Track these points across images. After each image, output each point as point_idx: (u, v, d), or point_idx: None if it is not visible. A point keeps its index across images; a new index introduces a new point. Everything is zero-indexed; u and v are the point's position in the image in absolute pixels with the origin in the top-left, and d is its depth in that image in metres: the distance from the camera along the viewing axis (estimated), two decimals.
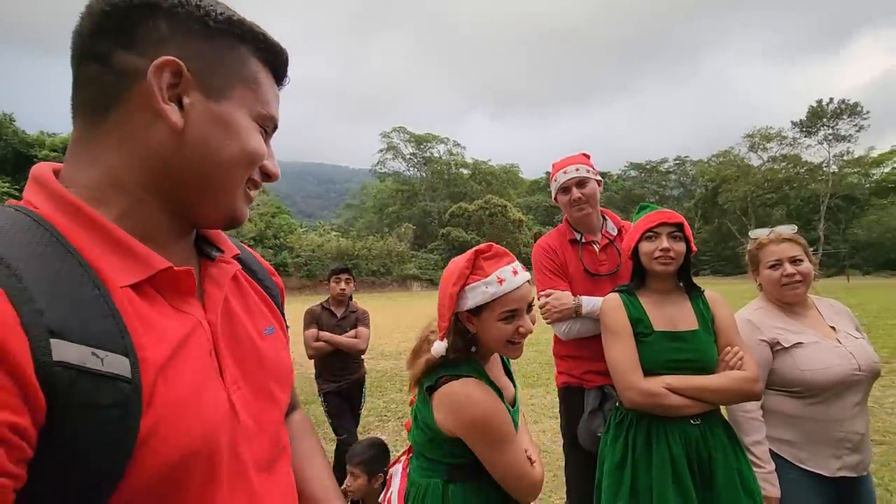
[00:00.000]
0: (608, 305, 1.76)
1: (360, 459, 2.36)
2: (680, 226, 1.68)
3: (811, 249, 1.87)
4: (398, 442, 4.16)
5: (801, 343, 1.71)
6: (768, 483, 1.64)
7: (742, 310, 1.87)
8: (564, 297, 1.98)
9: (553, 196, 2.24)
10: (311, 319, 3.39)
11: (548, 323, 2.05)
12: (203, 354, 0.57)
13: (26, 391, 0.40)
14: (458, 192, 55.31)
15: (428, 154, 57.55)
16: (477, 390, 1.21)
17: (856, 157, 47.87)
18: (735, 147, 53.15)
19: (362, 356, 3.51)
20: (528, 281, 1.27)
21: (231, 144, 0.59)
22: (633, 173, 63.89)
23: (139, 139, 0.56)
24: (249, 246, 2.08)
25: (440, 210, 53.22)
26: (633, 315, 1.69)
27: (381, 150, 57.16)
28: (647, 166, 63.53)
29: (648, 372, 1.62)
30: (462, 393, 1.20)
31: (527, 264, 1.63)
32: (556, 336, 2.15)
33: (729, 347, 1.64)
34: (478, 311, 1.22)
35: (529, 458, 1.29)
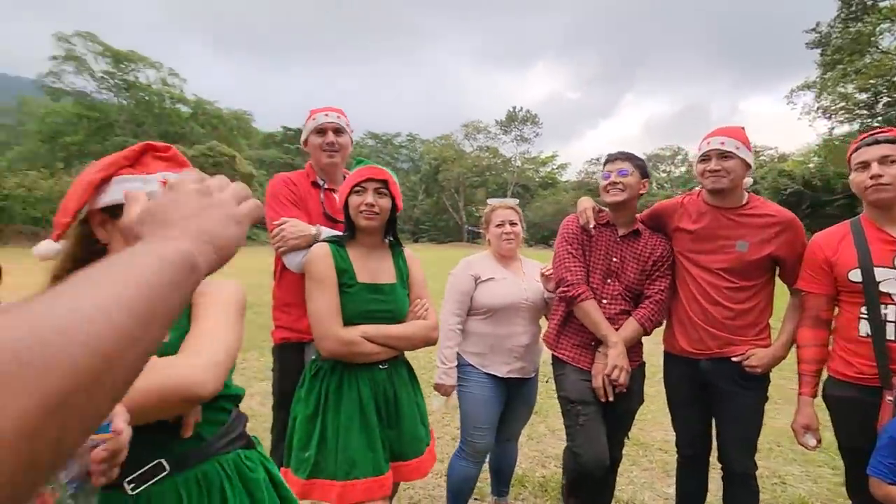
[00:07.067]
0: (315, 254, 1.71)
1: None
2: (386, 182, 1.72)
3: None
4: None
5: (493, 279, 2.23)
6: (447, 376, 2.20)
7: (470, 257, 2.36)
8: (302, 225, 1.91)
9: (304, 139, 2.19)
10: None
11: (281, 252, 1.90)
12: None
13: None
14: (174, 131, 45.33)
15: (132, 77, 45.24)
16: None
17: (532, 156, 62.36)
18: (454, 133, 61.48)
19: None
20: None
21: None
22: (370, 142, 66.46)
23: None
24: None
25: None
26: (339, 265, 1.70)
27: (56, 58, 41.16)
28: (384, 137, 67.17)
29: (347, 321, 1.67)
30: None
31: None
32: (277, 285, 2.10)
33: (419, 300, 1.82)
34: (117, 213, 0.91)
35: None
